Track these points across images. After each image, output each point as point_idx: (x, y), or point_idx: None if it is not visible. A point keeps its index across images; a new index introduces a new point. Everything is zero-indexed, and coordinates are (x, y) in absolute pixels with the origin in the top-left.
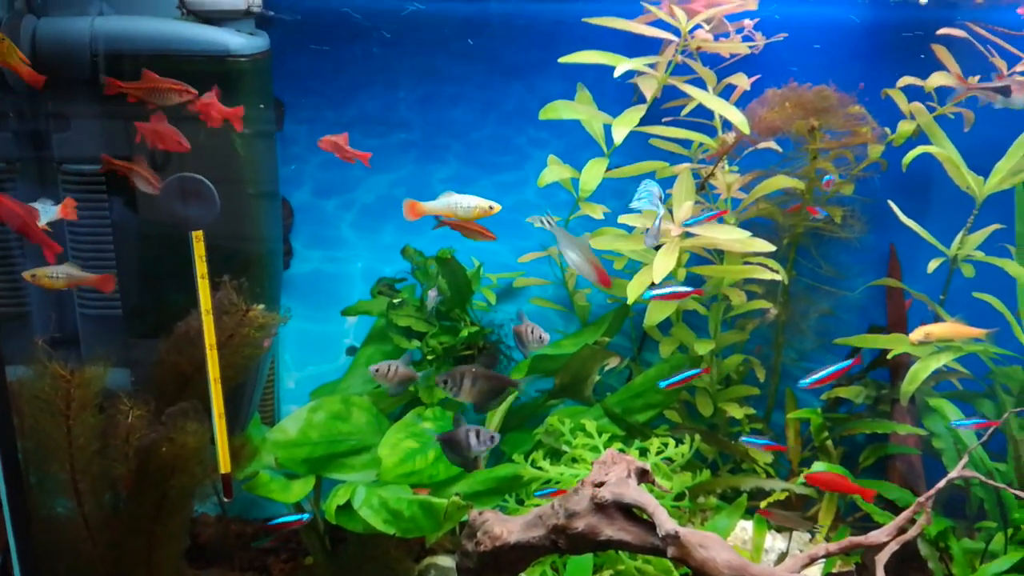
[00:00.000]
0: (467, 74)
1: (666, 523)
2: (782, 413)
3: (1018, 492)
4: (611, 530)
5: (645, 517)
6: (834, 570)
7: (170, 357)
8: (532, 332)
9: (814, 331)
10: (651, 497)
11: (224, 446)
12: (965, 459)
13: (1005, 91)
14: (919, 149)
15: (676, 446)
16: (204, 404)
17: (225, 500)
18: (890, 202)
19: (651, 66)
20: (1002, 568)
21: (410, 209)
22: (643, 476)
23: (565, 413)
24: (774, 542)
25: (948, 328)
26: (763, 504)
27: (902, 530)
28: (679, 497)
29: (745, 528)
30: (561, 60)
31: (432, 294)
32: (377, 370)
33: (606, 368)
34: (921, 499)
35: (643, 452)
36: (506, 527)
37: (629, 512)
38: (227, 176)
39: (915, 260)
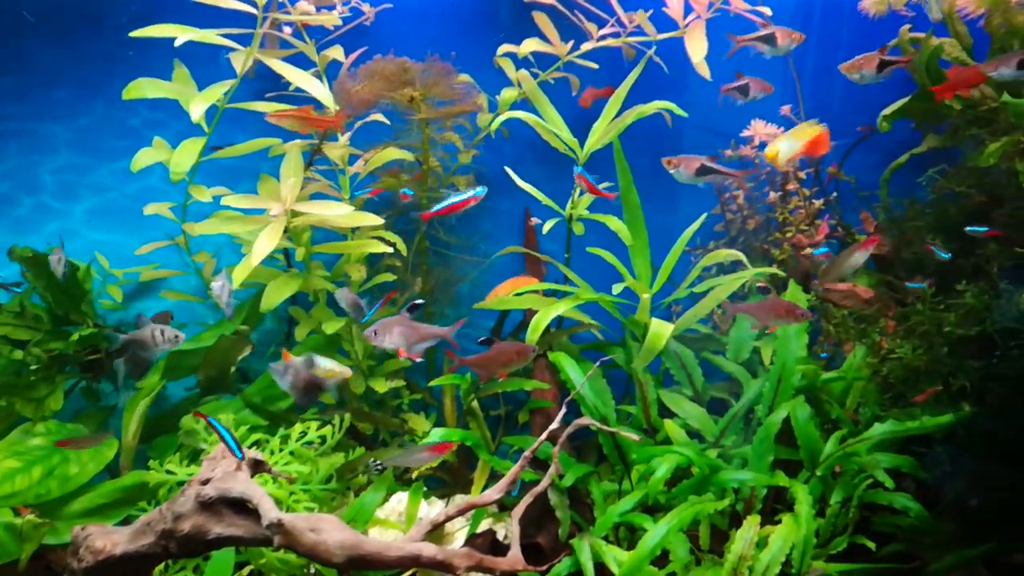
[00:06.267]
0: (64, 54)
1: (270, 512)
2: None
3: (625, 433)
4: (220, 527)
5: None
6: (478, 530)
7: None
8: (162, 334)
9: (466, 298)
10: (259, 488)
11: None
12: (561, 412)
13: (771, 40)
14: (505, 115)
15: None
16: None
17: None
18: (507, 168)
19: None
20: (627, 507)
21: None
22: (258, 467)
23: (205, 409)
24: (431, 509)
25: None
26: (414, 474)
27: (515, 482)
28: (329, 479)
29: (403, 500)
30: (132, 35)
31: None
32: None
33: (240, 357)
34: (523, 458)
35: (285, 439)
36: (110, 539)
37: (241, 506)
38: None
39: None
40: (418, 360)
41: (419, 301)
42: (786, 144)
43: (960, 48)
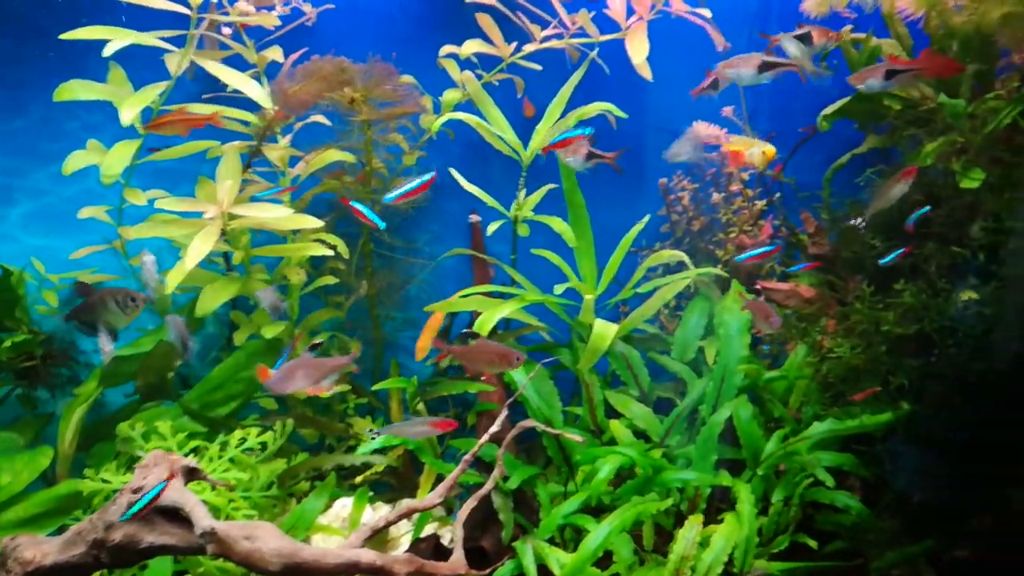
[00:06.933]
0: None
1: (202, 520)
2: None
3: (568, 434)
4: (152, 536)
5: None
6: (422, 534)
7: None
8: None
9: (414, 300)
10: (192, 496)
11: None
12: (502, 415)
13: (806, 39)
14: (446, 116)
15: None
16: None
17: None
18: (452, 170)
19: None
20: (571, 509)
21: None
22: (192, 474)
23: (143, 416)
24: (375, 515)
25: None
26: (359, 479)
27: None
28: (270, 486)
29: (348, 505)
30: (62, 36)
31: None
32: None
33: (178, 363)
34: (463, 461)
35: (224, 446)
36: (40, 549)
37: (174, 514)
38: None
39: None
40: (329, 392)
41: (318, 341)
42: (754, 152)
43: (901, 48)
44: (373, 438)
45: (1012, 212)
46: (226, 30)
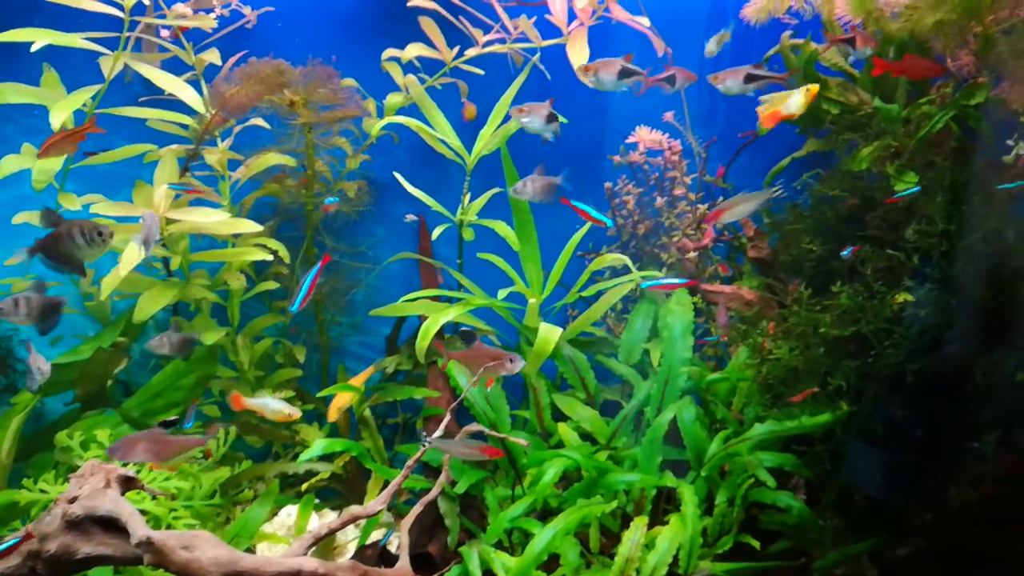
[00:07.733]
0: None
1: (138, 530)
2: None
3: (513, 438)
4: (89, 547)
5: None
6: (368, 541)
7: None
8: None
9: (361, 305)
10: (128, 505)
11: None
12: (446, 420)
13: (851, 43)
14: (387, 120)
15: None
16: None
17: None
18: (396, 173)
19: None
20: (517, 513)
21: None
22: (128, 483)
23: (82, 425)
24: (322, 522)
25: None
26: (304, 487)
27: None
28: (213, 495)
29: (293, 513)
30: None
31: None
32: None
33: (117, 370)
34: (406, 467)
35: None
36: None
37: (111, 524)
38: None
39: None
40: (175, 472)
41: (172, 418)
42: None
43: (839, 54)
44: (425, 444)
45: (947, 216)
46: (165, 32)
